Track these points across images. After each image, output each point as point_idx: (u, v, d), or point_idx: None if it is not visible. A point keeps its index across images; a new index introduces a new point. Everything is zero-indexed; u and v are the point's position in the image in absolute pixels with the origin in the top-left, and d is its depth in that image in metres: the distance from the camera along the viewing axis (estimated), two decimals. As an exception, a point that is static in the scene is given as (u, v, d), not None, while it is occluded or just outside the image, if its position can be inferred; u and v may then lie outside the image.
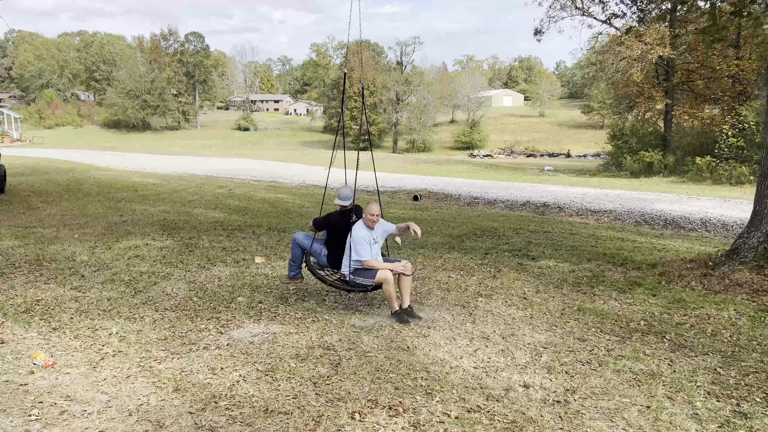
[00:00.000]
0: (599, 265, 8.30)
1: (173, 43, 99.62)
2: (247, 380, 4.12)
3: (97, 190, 17.19)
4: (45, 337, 4.88)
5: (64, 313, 5.49)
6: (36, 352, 4.42)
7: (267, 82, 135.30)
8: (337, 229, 5.95)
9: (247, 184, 22.72)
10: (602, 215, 15.86)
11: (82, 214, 12.26)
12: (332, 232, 6.03)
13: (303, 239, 6.16)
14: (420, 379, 4.18)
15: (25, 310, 5.55)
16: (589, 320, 5.66)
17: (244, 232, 10.58)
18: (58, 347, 4.65)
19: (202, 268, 7.59)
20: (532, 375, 4.30)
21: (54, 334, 4.95)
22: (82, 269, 7.29)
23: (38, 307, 5.63)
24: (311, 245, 6.10)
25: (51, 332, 4.98)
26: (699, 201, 19.16)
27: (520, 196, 20.33)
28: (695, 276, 7.07)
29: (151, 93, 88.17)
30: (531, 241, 10.52)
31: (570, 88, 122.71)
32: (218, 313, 5.68)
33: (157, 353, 4.59)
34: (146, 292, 6.33)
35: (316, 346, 4.81)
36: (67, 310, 5.60)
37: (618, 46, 33.80)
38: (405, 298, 5.64)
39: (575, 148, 66.70)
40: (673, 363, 4.56)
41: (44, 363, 4.25)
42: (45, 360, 4.28)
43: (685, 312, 5.89)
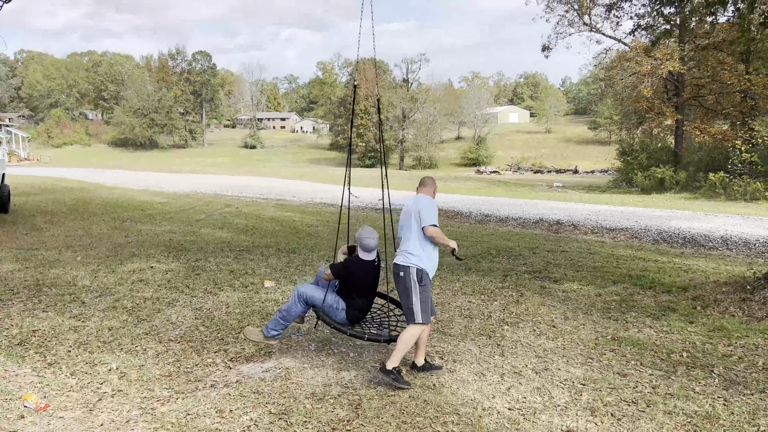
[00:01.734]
0: (626, 288, 7.87)
1: (181, 62, 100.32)
2: (258, 425, 3.72)
3: (102, 210, 16.90)
4: (39, 373, 4.50)
5: (61, 346, 5.11)
6: (27, 393, 4.03)
7: (273, 100, 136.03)
8: (355, 279, 4.70)
9: (255, 203, 22.41)
10: (618, 233, 15.42)
11: (87, 234, 11.94)
12: (351, 283, 4.72)
13: (313, 293, 4.71)
14: (450, 424, 3.76)
15: (19, 342, 5.17)
16: (627, 351, 5.23)
17: (252, 253, 10.21)
18: (52, 386, 4.27)
19: (209, 293, 7.21)
20: (574, 418, 3.88)
21: (49, 370, 4.57)
22: (83, 295, 6.92)
23: (34, 339, 5.26)
24: (324, 299, 4.69)
25: (46, 368, 4.60)
26: (717, 218, 18.68)
27: (532, 213, 19.92)
28: (733, 301, 6.64)
29: (158, 112, 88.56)
30: (550, 262, 10.10)
31: (576, 104, 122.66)
32: (226, 344, 5.28)
33: (160, 392, 4.20)
34: (150, 321, 5.95)
35: (333, 384, 4.40)
36: (64, 342, 5.22)
37: (627, 61, 33.55)
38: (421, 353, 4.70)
39: (583, 164, 66.31)
40: (729, 403, 4.12)
41: (36, 406, 3.86)
42: (37, 402, 3.90)
43: (729, 342, 5.46)
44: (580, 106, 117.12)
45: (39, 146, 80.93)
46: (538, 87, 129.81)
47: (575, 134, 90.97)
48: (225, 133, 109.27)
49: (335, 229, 14.62)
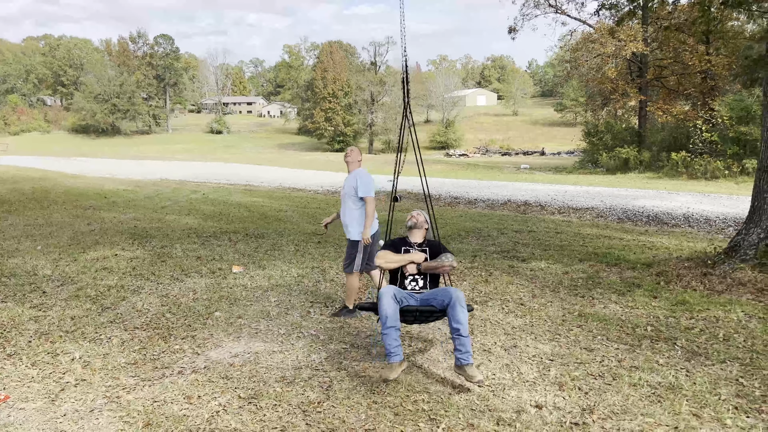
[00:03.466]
0: (592, 266, 7.99)
1: (142, 46, 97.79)
2: (227, 410, 3.67)
3: (64, 198, 16.45)
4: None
5: (21, 336, 4.96)
6: (-15, 386, 3.91)
7: (239, 85, 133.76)
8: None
9: (222, 188, 22.11)
10: (584, 213, 15.66)
11: (47, 223, 11.60)
12: None
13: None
14: (421, 402, 3.77)
15: (-23, 333, 5.01)
16: (593, 327, 5.31)
17: (219, 239, 10.06)
18: (12, 377, 4.14)
19: (176, 279, 7.08)
20: (543, 393, 3.92)
21: (8, 361, 4.43)
22: (44, 285, 6.73)
23: (-8, 330, 5.09)
24: None
25: (5, 359, 4.46)
26: (679, 196, 19.12)
27: (501, 194, 20.09)
28: (695, 275, 6.80)
29: (120, 97, 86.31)
30: (518, 242, 10.21)
31: (542, 87, 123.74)
32: (194, 330, 5.20)
33: (125, 380, 4.11)
34: (114, 309, 5.82)
35: (303, 367, 4.37)
36: (25, 332, 5.07)
37: (591, 43, 33.88)
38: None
39: (549, 146, 67.03)
40: (691, 373, 4.22)
41: (-5, 398, 3.74)
42: (-4, 394, 3.78)
43: (691, 315, 5.59)
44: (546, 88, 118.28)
45: (-5, 134, 78.28)
46: (505, 70, 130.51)
47: (542, 116, 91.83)
48: (190, 118, 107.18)
49: (304, 213, 14.53)
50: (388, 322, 4.07)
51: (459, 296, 4.11)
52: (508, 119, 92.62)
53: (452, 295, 4.11)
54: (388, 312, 4.07)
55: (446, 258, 4.48)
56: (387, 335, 4.07)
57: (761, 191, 6.85)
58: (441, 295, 4.23)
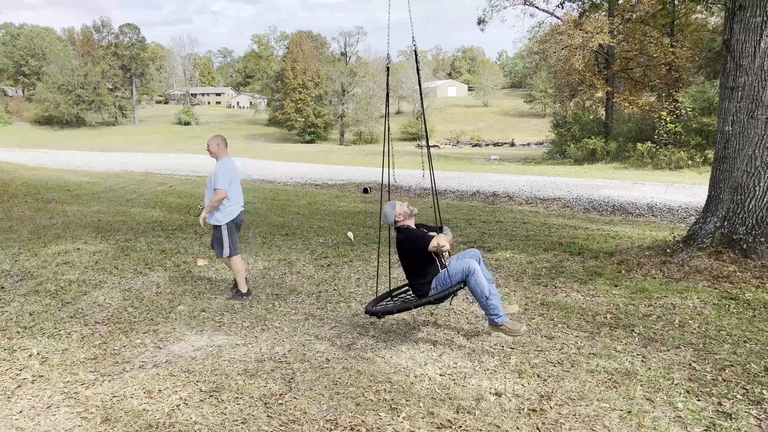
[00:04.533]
0: (556, 255, 8.12)
1: (107, 36, 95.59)
2: (188, 404, 3.64)
3: (24, 191, 16.05)
4: (-48, 362, 4.25)
5: (-24, 333, 4.84)
6: (-63, 384, 3.82)
7: (208, 75, 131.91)
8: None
9: (190, 181, 21.81)
10: (551, 203, 15.88)
11: (7, 217, 11.31)
12: None
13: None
14: (383, 392, 3.80)
15: (-70, 331, 4.87)
16: (555, 315, 5.41)
17: (185, 232, 9.95)
18: (-34, 375, 4.05)
19: (139, 273, 6.99)
20: (502, 380, 3.99)
21: (-37, 358, 4.33)
22: (2, 280, 6.58)
23: (-54, 327, 4.96)
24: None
25: (-41, 357, 4.36)
26: (643, 186, 19.50)
27: (469, 185, 20.24)
28: (654, 264, 6.96)
29: (84, 87, 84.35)
30: (485, 232, 10.31)
31: (512, 78, 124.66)
32: (156, 324, 5.14)
33: (84, 376, 4.05)
34: (75, 304, 5.72)
35: (266, 359, 4.36)
36: (-20, 329, 4.95)
37: (559, 34, 34.26)
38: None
39: (519, 137, 67.71)
40: (647, 359, 4.34)
41: (-53, 396, 3.66)
42: (-52, 392, 3.69)
43: (649, 302, 5.73)
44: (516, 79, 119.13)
45: (-46, 125, 75.87)
46: (475, 61, 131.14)
47: (512, 107, 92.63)
48: (157, 109, 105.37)
49: (273, 206, 14.43)
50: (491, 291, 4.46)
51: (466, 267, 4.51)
52: (479, 110, 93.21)
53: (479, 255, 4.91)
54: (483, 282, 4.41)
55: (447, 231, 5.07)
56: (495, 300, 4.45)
57: (717, 180, 7.03)
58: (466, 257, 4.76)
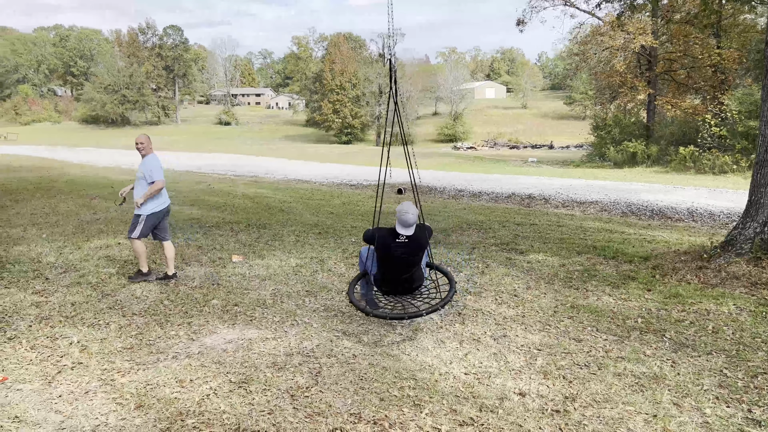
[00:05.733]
0: (590, 259, 8.03)
1: (151, 37, 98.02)
2: (218, 393, 3.76)
3: (70, 188, 16.61)
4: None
5: (22, 321, 5.08)
6: (-16, 367, 4.03)
7: (248, 76, 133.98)
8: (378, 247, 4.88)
9: (228, 180, 22.23)
10: (588, 206, 15.65)
11: (53, 212, 11.75)
12: (377, 250, 4.92)
13: (363, 253, 5.11)
14: (407, 389, 3.85)
15: (-21, 318, 5.13)
16: (584, 318, 5.37)
17: (221, 229, 10.17)
18: (11, 359, 4.26)
19: (176, 268, 7.19)
20: (527, 381, 3.99)
21: (8, 344, 4.55)
22: (47, 271, 6.86)
23: (-6, 315, 5.22)
24: (366, 261, 5.06)
25: (5, 342, 4.58)
26: (684, 191, 19.05)
27: (505, 188, 20.09)
28: (690, 269, 6.82)
29: (129, 88, 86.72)
30: (518, 234, 10.24)
31: (552, 80, 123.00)
32: (190, 317, 5.30)
33: (120, 364, 4.21)
34: (114, 296, 5.93)
35: (294, 353, 4.46)
36: (25, 317, 5.19)
37: (600, 36, 33.66)
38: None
39: (558, 140, 66.72)
40: (677, 364, 4.28)
41: (-7, 379, 3.86)
42: (-6, 375, 3.89)
43: (683, 308, 5.63)
44: (556, 81, 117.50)
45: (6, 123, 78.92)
46: (514, 62, 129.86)
47: (551, 109, 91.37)
48: (199, 109, 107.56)
49: (308, 205, 14.61)
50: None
51: None
52: (517, 112, 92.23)
53: None
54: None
55: None
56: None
57: (758, 185, 6.85)
58: None
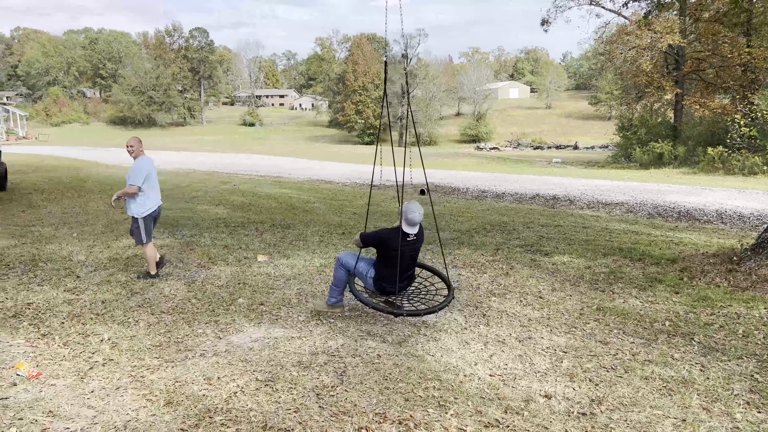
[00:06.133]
0: (616, 261, 7.95)
1: (178, 39, 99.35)
2: (245, 391, 3.82)
3: (100, 188, 16.94)
4: (33, 344, 4.59)
5: (55, 318, 5.20)
6: (19, 362, 4.13)
7: (272, 77, 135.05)
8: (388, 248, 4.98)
9: (252, 180, 22.44)
10: (614, 207, 15.47)
11: (83, 211, 12.00)
12: (383, 251, 5.05)
13: (348, 259, 5.28)
14: (432, 389, 3.86)
15: (14, 314, 5.27)
16: (610, 321, 5.32)
17: (247, 228, 10.28)
18: (45, 356, 4.37)
19: (203, 267, 7.30)
20: (553, 383, 3.98)
21: (42, 340, 4.67)
22: (78, 270, 7.01)
23: (28, 311, 5.35)
24: (356, 265, 5.22)
25: (39, 339, 4.70)
26: (713, 192, 18.71)
27: (529, 188, 19.95)
28: (719, 272, 6.72)
29: (156, 89, 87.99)
30: (543, 236, 10.17)
31: (577, 80, 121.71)
32: (217, 316, 5.38)
33: (150, 361, 4.30)
34: (143, 294, 6.04)
35: (319, 353, 4.50)
36: (58, 314, 5.31)
37: (626, 35, 33.24)
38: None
39: (583, 140, 66.04)
40: (706, 369, 4.22)
41: (28, 374, 3.96)
42: (29, 370, 4.00)
43: (712, 311, 5.55)
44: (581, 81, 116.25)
45: (37, 125, 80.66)
46: (538, 62, 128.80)
47: (576, 110, 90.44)
48: (224, 110, 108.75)
49: (331, 206, 14.69)
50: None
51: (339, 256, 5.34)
52: (541, 112, 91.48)
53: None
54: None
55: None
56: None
57: (790, 187, 6.71)
58: None
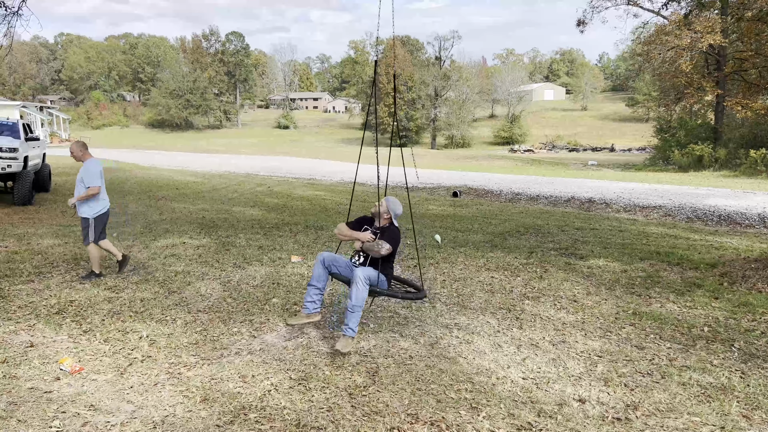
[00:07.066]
0: (653, 265, 7.80)
1: (214, 43, 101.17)
2: (279, 390, 3.87)
3: (138, 189, 17.36)
4: (75, 340, 4.74)
5: (96, 315, 5.36)
6: (63, 357, 4.27)
7: (306, 80, 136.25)
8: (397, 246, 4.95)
9: (286, 182, 22.70)
10: (651, 211, 15.19)
11: (122, 212, 12.30)
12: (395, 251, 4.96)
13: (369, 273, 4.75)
14: (464, 392, 3.86)
15: (57, 311, 5.44)
16: (647, 326, 5.23)
17: (281, 230, 10.41)
18: (86, 351, 4.50)
19: (238, 267, 7.42)
20: (587, 388, 3.93)
21: (84, 336, 4.81)
22: (118, 269, 7.19)
23: (71, 308, 5.52)
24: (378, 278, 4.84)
25: (81, 335, 4.85)
26: (755, 196, 18.20)
27: (564, 191, 19.70)
28: (762, 277, 6.54)
29: (193, 93, 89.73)
30: (578, 239, 10.05)
31: (614, 81, 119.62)
32: (252, 315, 5.46)
33: (187, 359, 4.39)
34: (180, 293, 6.17)
35: (352, 353, 4.53)
36: (99, 311, 5.47)
37: (665, 35, 32.54)
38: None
39: (619, 143, 64.91)
40: (746, 375, 4.11)
41: (71, 369, 4.09)
42: (72, 366, 4.13)
43: (753, 317, 5.40)
44: (617, 82, 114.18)
45: (79, 128, 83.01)
46: (574, 63, 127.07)
47: (612, 111, 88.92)
48: (259, 113, 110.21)
49: (363, 207, 14.75)
50: (312, 280, 4.95)
51: (358, 275, 4.65)
52: (577, 114, 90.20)
53: (354, 274, 4.73)
54: (314, 272, 4.96)
55: (376, 245, 4.82)
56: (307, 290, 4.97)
57: (837, 190, 6.49)
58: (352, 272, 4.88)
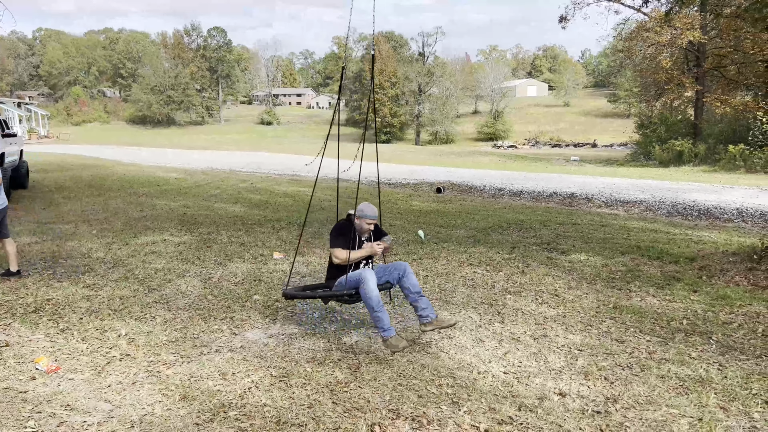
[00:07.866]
0: (633, 259, 7.87)
1: (196, 39, 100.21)
2: (259, 387, 3.84)
3: (119, 186, 17.15)
4: (52, 339, 4.66)
5: (73, 313, 5.28)
6: (39, 357, 4.20)
7: (289, 76, 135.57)
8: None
9: (270, 178, 22.57)
10: (632, 206, 15.33)
11: (103, 209, 12.16)
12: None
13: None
14: (445, 386, 3.86)
15: (34, 309, 5.35)
16: (627, 319, 5.27)
17: (263, 226, 10.35)
18: (63, 350, 4.43)
19: (219, 264, 7.36)
20: (567, 381, 3.95)
21: (61, 335, 4.74)
22: (97, 266, 7.10)
23: (48, 307, 5.44)
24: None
25: (58, 334, 4.77)
26: (734, 190, 18.46)
27: (547, 187, 19.83)
28: (739, 270, 6.62)
29: (175, 88, 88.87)
30: (560, 234, 10.11)
31: (596, 77, 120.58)
32: (233, 312, 5.42)
33: (166, 357, 4.34)
34: (160, 291, 6.10)
35: (333, 349, 4.51)
36: (77, 309, 5.39)
37: (646, 32, 32.85)
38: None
39: (601, 138, 65.50)
40: (724, 367, 4.16)
41: (47, 368, 4.02)
42: (48, 365, 4.06)
43: (731, 310, 5.47)
44: (599, 78, 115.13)
45: (59, 124, 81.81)
46: (557, 60, 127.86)
47: (594, 107, 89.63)
48: (241, 109, 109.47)
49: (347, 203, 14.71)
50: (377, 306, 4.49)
51: (408, 266, 4.73)
52: (559, 110, 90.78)
53: (405, 266, 4.72)
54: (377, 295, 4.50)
55: (387, 240, 4.85)
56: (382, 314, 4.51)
57: (813, 184, 6.59)
58: (393, 269, 4.78)
